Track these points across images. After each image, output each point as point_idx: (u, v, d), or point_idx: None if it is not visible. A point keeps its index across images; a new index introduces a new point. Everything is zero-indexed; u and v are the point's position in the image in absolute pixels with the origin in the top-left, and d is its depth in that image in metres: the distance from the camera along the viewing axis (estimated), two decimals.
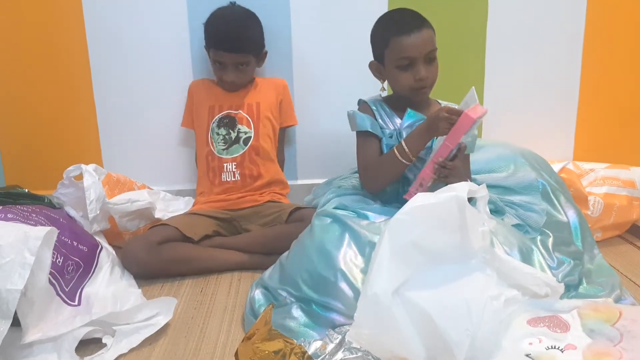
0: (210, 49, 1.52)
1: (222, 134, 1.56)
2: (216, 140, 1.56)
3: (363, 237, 1.12)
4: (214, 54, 1.51)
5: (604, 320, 0.83)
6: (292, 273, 1.13)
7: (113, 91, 1.66)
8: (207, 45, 1.54)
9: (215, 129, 1.56)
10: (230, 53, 1.49)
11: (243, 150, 1.55)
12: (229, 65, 1.51)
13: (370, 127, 1.29)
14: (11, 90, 1.64)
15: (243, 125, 1.56)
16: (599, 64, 1.76)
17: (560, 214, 1.31)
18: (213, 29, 1.52)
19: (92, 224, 1.36)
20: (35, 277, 1.00)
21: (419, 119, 1.29)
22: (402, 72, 1.26)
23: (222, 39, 1.49)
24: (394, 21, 1.29)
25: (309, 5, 1.64)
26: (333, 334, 1.03)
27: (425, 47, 1.24)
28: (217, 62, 1.52)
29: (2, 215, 1.17)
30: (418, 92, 1.28)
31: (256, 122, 1.57)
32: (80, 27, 1.61)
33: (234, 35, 1.49)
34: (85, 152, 1.69)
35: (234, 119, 1.57)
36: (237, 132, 1.56)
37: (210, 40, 1.52)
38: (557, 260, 1.19)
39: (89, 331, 1.03)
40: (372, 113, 1.32)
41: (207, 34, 1.53)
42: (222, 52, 1.50)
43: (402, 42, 1.24)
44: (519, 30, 1.71)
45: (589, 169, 1.58)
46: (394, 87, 1.32)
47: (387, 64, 1.28)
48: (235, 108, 1.58)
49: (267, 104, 1.59)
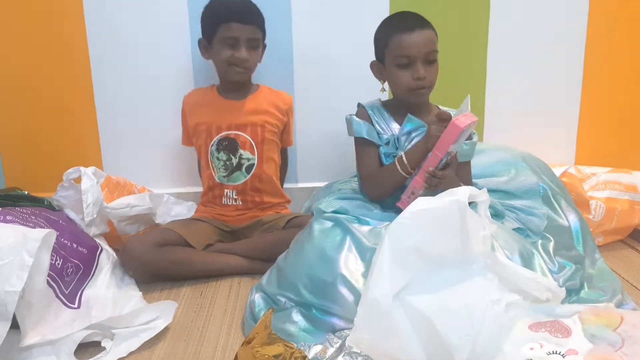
0: (220, 26, 1.40)
1: (222, 159, 1.48)
2: (217, 165, 1.49)
3: (364, 242, 1.12)
4: (225, 31, 1.39)
5: (606, 326, 0.82)
6: (292, 277, 1.13)
7: (113, 93, 1.66)
8: (213, 27, 1.41)
9: (214, 152, 1.48)
10: (244, 24, 1.39)
11: (245, 178, 1.48)
12: (242, 41, 1.40)
13: (366, 134, 1.30)
14: (11, 92, 1.65)
15: (246, 151, 1.47)
16: (600, 68, 1.76)
17: (561, 218, 1.30)
18: (223, 3, 1.43)
19: (90, 227, 1.36)
20: (34, 280, 1.00)
21: (419, 125, 1.29)
22: (401, 70, 1.26)
23: (235, 10, 1.40)
24: (396, 21, 1.30)
25: (310, 9, 1.64)
26: (333, 338, 1.02)
27: (425, 46, 1.24)
28: (227, 41, 1.40)
29: (1, 217, 1.17)
30: (416, 92, 1.27)
31: (260, 147, 1.48)
32: (81, 29, 1.61)
33: (247, 6, 1.42)
34: (86, 154, 1.69)
35: (235, 143, 1.47)
36: (238, 158, 1.47)
37: (219, 15, 1.41)
38: (559, 264, 1.18)
39: (88, 334, 1.03)
40: (369, 118, 1.32)
41: (215, 10, 1.43)
42: (234, 25, 1.39)
43: (401, 40, 1.24)
44: (521, 35, 1.72)
45: (590, 173, 1.58)
46: (393, 88, 1.32)
47: (387, 63, 1.29)
48: (235, 128, 1.47)
49: (273, 124, 1.50)
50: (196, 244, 1.37)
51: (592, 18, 1.72)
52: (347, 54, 1.67)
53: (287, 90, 1.65)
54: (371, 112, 1.33)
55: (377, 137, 1.30)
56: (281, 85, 1.66)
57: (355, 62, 1.65)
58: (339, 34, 1.67)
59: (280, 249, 1.26)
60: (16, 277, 0.95)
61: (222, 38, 1.41)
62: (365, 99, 1.39)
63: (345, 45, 1.67)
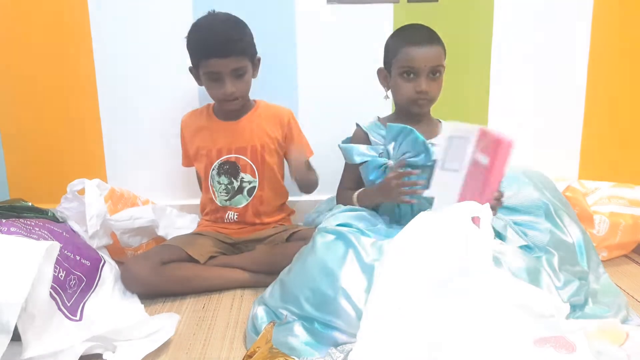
0: (201, 62, 1.36)
1: (224, 183, 1.47)
2: (218, 189, 1.48)
3: (366, 255, 1.12)
4: (206, 66, 1.35)
5: (611, 341, 0.82)
6: (294, 291, 1.12)
7: (118, 105, 1.68)
8: (195, 61, 1.38)
9: (215, 176, 1.47)
10: (224, 58, 1.34)
11: (247, 201, 1.48)
12: (226, 74, 1.36)
13: (361, 158, 1.32)
14: (16, 103, 1.66)
15: (247, 174, 1.46)
16: (604, 83, 1.76)
17: (564, 233, 1.30)
18: (199, 36, 1.37)
19: (93, 239, 1.36)
20: (36, 292, 1.00)
21: (401, 130, 1.28)
22: (404, 81, 1.29)
23: (213, 44, 1.34)
24: (407, 32, 1.33)
25: (314, 26, 1.66)
26: (335, 352, 1.02)
27: (431, 61, 1.27)
28: (211, 76, 1.37)
29: (6, 228, 1.17)
30: (416, 103, 1.30)
31: (261, 169, 1.46)
32: (87, 40, 1.63)
33: (223, 38, 1.34)
34: (90, 166, 1.70)
35: (235, 166, 1.46)
36: (240, 182, 1.46)
37: (197, 51, 1.37)
38: (564, 279, 1.17)
39: (90, 346, 1.02)
40: (365, 136, 1.35)
41: (193, 46, 1.38)
42: (215, 60, 1.34)
43: (409, 52, 1.27)
44: (524, 48, 1.72)
45: (594, 188, 1.58)
46: (395, 96, 1.34)
47: (393, 72, 1.32)
48: (235, 151, 1.45)
49: (272, 143, 1.47)
50: (199, 257, 1.37)
51: (595, 32, 1.72)
52: (350, 68, 1.68)
53: (291, 103, 1.66)
54: (368, 131, 1.35)
55: (368, 154, 1.32)
56: (285, 97, 1.67)
57: (357, 78, 1.67)
58: (343, 51, 1.68)
59: (283, 262, 1.25)
60: (18, 289, 0.95)
61: (205, 73, 1.38)
62: (366, 112, 1.40)
63: (349, 61, 1.68)
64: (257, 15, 1.61)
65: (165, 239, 1.48)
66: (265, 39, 1.57)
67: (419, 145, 1.26)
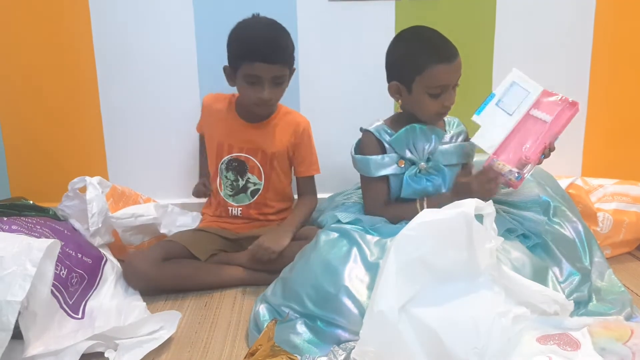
0: (243, 64, 1.32)
1: (230, 178, 1.47)
2: (224, 183, 1.48)
3: (370, 254, 1.11)
4: (248, 69, 1.31)
5: (616, 339, 0.81)
6: (297, 288, 1.12)
7: (119, 103, 1.67)
8: (236, 61, 1.34)
9: (223, 170, 1.47)
10: (270, 64, 1.31)
11: (249, 201, 1.48)
12: (266, 80, 1.32)
13: (377, 173, 1.27)
14: (18, 101, 1.66)
15: (254, 175, 1.45)
16: (607, 80, 1.75)
17: (565, 230, 1.29)
18: (247, 38, 1.33)
19: (94, 237, 1.36)
20: (38, 290, 1.00)
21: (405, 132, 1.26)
22: (432, 99, 1.23)
23: (262, 49, 1.30)
24: (432, 47, 1.23)
25: (316, 26, 1.65)
26: (338, 350, 1.01)
27: (458, 75, 1.24)
28: (250, 79, 1.33)
29: (7, 226, 1.17)
30: (440, 116, 1.28)
31: (268, 173, 1.45)
32: (88, 39, 1.62)
33: (273, 44, 1.32)
34: (91, 164, 1.70)
35: (244, 165, 1.45)
36: (245, 181, 1.46)
37: (243, 52, 1.32)
38: (567, 271, 1.17)
39: (92, 345, 1.02)
40: (377, 142, 1.30)
41: (238, 46, 1.34)
42: (259, 64, 1.30)
43: (441, 71, 1.20)
44: (526, 45, 1.72)
45: (597, 185, 1.57)
46: (418, 111, 1.27)
47: (417, 89, 1.23)
48: (246, 151, 1.44)
49: (284, 150, 1.46)
50: (200, 254, 1.37)
51: (598, 28, 1.72)
52: (352, 71, 1.67)
53: (292, 100, 1.66)
54: (378, 135, 1.30)
55: (388, 163, 1.28)
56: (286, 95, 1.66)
57: (359, 75, 1.67)
58: (345, 52, 1.67)
59: (284, 260, 1.25)
60: (18, 286, 0.95)
61: (245, 75, 1.33)
62: (368, 110, 1.38)
63: (351, 63, 1.67)
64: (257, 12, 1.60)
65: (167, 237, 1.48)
66: None
67: (427, 132, 1.27)
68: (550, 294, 0.97)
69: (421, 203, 1.26)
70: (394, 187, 1.29)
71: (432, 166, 1.27)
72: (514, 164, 1.19)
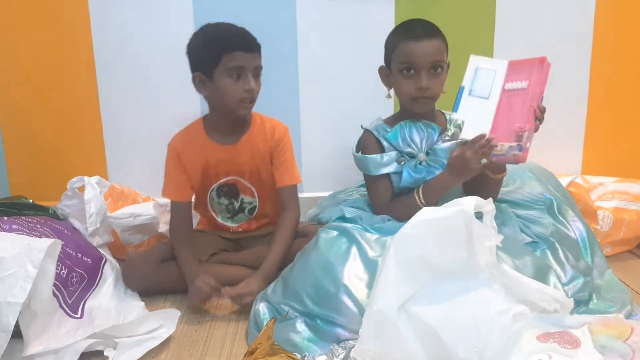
0: (222, 57, 1.26)
1: (224, 203, 1.42)
2: (218, 208, 1.44)
3: (370, 252, 1.11)
4: (230, 61, 1.26)
5: (616, 337, 0.81)
6: (297, 287, 1.12)
7: (119, 102, 1.67)
8: (212, 60, 1.28)
9: (214, 197, 1.42)
10: (249, 53, 1.28)
11: (249, 218, 1.45)
12: (249, 70, 1.28)
13: (376, 171, 1.27)
14: (17, 100, 1.66)
15: (247, 196, 1.41)
16: (607, 77, 1.75)
17: (567, 229, 1.29)
18: (220, 33, 1.31)
19: (93, 237, 1.36)
20: (39, 289, 1.00)
21: (400, 128, 1.27)
22: (405, 79, 1.25)
23: (238, 37, 1.29)
24: (407, 27, 1.28)
25: (315, 23, 1.65)
26: (337, 348, 1.01)
27: (431, 56, 1.22)
28: (233, 72, 1.27)
29: (7, 226, 1.17)
30: (418, 101, 1.26)
31: (259, 190, 1.41)
32: (88, 39, 1.63)
33: (246, 34, 1.30)
34: (91, 163, 1.70)
35: (235, 188, 1.41)
36: (240, 202, 1.42)
37: (220, 45, 1.28)
38: (570, 274, 1.17)
39: (91, 344, 1.02)
40: (376, 140, 1.30)
41: (212, 44, 1.29)
42: (240, 54, 1.26)
43: (408, 47, 1.23)
44: (527, 42, 1.71)
45: (597, 183, 1.57)
46: (398, 94, 1.30)
47: (393, 69, 1.27)
48: (233, 173, 1.38)
49: (267, 159, 1.39)
50: (200, 254, 1.37)
51: (598, 26, 1.71)
52: (352, 65, 1.67)
53: (293, 101, 1.65)
54: (377, 134, 1.30)
55: (387, 162, 1.28)
56: (287, 96, 1.66)
57: (360, 72, 1.67)
58: (344, 49, 1.67)
59: (287, 258, 1.25)
60: (19, 288, 0.95)
61: (226, 69, 1.27)
62: (369, 109, 1.38)
63: (350, 60, 1.67)
64: (257, 10, 1.60)
65: (167, 236, 1.48)
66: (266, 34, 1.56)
67: (423, 127, 1.27)
68: (550, 292, 0.97)
69: (417, 191, 1.24)
70: (396, 185, 1.29)
71: (432, 159, 1.27)
72: (511, 139, 1.15)
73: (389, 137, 1.28)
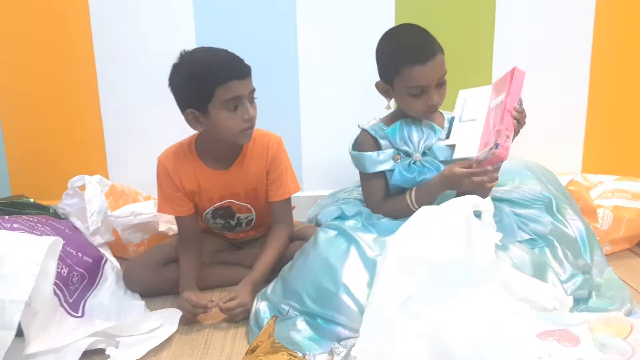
0: (217, 90, 1.17)
1: (220, 223, 1.38)
2: (215, 227, 1.41)
3: (368, 251, 1.11)
4: (226, 93, 1.17)
5: (615, 334, 0.81)
6: (296, 287, 1.12)
7: (119, 101, 1.68)
8: (205, 94, 1.18)
9: (210, 219, 1.37)
10: (243, 80, 1.20)
11: (247, 229, 1.42)
12: (246, 98, 1.20)
13: (372, 169, 1.27)
14: (18, 100, 1.66)
15: (243, 213, 1.37)
16: (607, 76, 1.75)
17: (566, 227, 1.29)
18: (210, 66, 1.18)
19: (95, 236, 1.36)
20: (40, 288, 1.00)
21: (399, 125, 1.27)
22: (414, 98, 1.23)
23: (228, 67, 1.19)
24: (406, 47, 1.22)
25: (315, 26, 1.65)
26: (338, 347, 1.01)
27: (438, 74, 1.21)
28: (231, 103, 1.19)
29: (9, 225, 1.17)
30: (426, 115, 1.27)
31: (256, 205, 1.36)
32: (88, 38, 1.63)
33: (235, 59, 1.21)
34: (92, 162, 1.70)
35: (230, 210, 1.36)
36: (237, 220, 1.38)
37: (212, 77, 1.18)
38: (570, 272, 1.17)
39: (93, 342, 1.03)
40: (373, 140, 1.30)
41: (203, 79, 1.18)
42: (235, 83, 1.18)
43: (415, 73, 1.19)
44: (527, 41, 1.72)
45: (597, 182, 1.57)
46: (405, 110, 1.29)
47: (398, 90, 1.25)
48: (229, 197, 1.33)
49: (263, 178, 1.34)
50: (203, 256, 1.37)
51: (598, 25, 1.71)
52: (352, 65, 1.67)
53: (293, 100, 1.65)
54: (374, 133, 1.30)
55: (383, 159, 1.28)
56: (287, 95, 1.66)
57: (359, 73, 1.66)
58: (344, 51, 1.67)
59: (287, 259, 1.25)
60: (22, 285, 0.95)
61: (222, 102, 1.18)
62: (368, 109, 1.38)
63: (349, 62, 1.67)
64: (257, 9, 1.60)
65: (167, 235, 1.48)
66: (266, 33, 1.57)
67: (423, 126, 1.28)
68: (549, 290, 0.97)
69: (410, 193, 1.24)
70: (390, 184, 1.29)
71: (427, 160, 1.27)
72: (490, 142, 1.17)
73: (388, 132, 1.28)
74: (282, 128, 1.47)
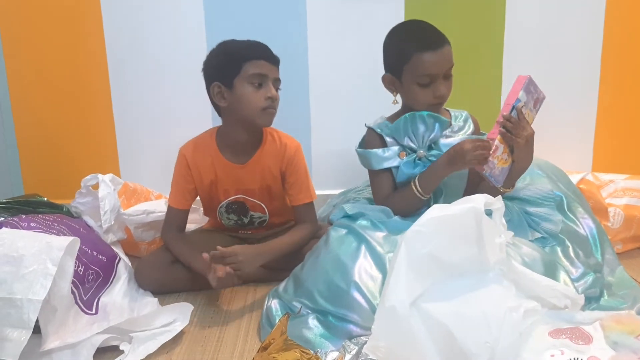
0: (246, 64, 1.25)
1: (233, 219, 1.42)
2: (228, 223, 1.43)
3: (379, 249, 1.12)
4: (254, 68, 1.25)
5: (628, 333, 0.81)
6: (308, 285, 1.13)
7: (131, 101, 1.69)
8: (234, 68, 1.25)
9: (224, 213, 1.41)
10: (272, 64, 1.28)
11: (259, 228, 1.45)
12: (270, 81, 1.27)
13: (379, 166, 1.28)
14: (31, 99, 1.68)
15: (256, 212, 1.40)
16: (617, 75, 1.74)
17: (577, 226, 1.29)
18: (243, 44, 1.29)
19: (108, 234, 1.37)
20: (58, 286, 1.01)
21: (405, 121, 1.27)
22: (422, 89, 1.24)
23: (261, 48, 1.28)
24: (416, 36, 1.25)
25: (325, 22, 1.66)
26: (350, 344, 1.02)
27: (447, 64, 1.23)
28: (255, 79, 1.25)
29: (25, 224, 1.18)
30: (434, 107, 1.27)
31: (270, 205, 1.40)
32: (100, 38, 1.65)
33: (268, 48, 1.30)
34: (104, 161, 1.72)
35: (244, 206, 1.39)
36: (250, 218, 1.41)
37: (245, 53, 1.26)
38: (581, 270, 1.17)
39: (106, 338, 1.04)
40: (379, 138, 1.31)
41: (235, 53, 1.27)
42: (264, 62, 1.26)
43: (425, 59, 1.21)
44: (537, 41, 1.71)
45: (608, 180, 1.56)
46: (411, 102, 1.29)
47: (406, 79, 1.26)
48: (243, 192, 1.37)
49: (278, 177, 1.37)
50: None
51: (608, 24, 1.71)
52: (363, 64, 1.67)
53: (303, 100, 1.65)
54: (380, 131, 1.31)
55: (389, 156, 1.29)
56: (297, 96, 1.66)
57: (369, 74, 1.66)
58: (353, 50, 1.68)
59: (298, 259, 1.26)
60: (40, 285, 0.97)
61: (248, 76, 1.25)
62: (378, 105, 1.38)
63: (359, 62, 1.68)
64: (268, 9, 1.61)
65: None
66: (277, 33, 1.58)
67: (428, 119, 1.26)
68: (561, 289, 0.97)
69: (414, 180, 1.23)
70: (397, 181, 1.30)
71: (433, 154, 1.27)
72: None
73: (392, 127, 1.28)
74: (292, 126, 1.49)
